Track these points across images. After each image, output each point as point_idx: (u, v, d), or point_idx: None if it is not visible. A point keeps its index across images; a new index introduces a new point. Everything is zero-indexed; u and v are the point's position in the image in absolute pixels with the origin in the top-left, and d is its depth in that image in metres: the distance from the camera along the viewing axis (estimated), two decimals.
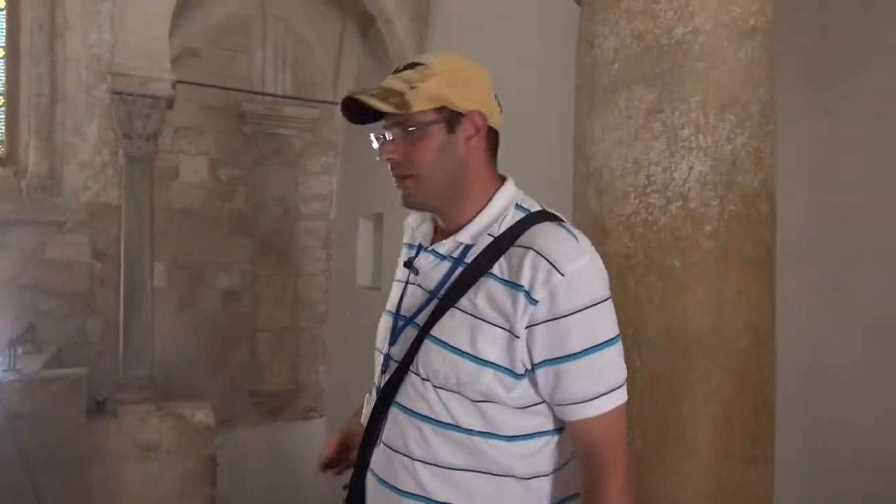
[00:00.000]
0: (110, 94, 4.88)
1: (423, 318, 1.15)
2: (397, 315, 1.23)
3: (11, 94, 5.64)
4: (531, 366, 1.08)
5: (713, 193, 1.60)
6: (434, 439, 1.11)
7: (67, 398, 4.42)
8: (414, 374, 1.14)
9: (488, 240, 1.13)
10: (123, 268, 4.92)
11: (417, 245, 1.27)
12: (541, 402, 1.11)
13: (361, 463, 1.22)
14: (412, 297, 1.21)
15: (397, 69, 1.18)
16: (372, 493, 1.19)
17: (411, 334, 1.16)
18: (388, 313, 1.26)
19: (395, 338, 1.21)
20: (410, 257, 1.26)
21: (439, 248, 1.18)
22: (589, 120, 1.77)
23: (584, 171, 1.78)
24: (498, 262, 1.10)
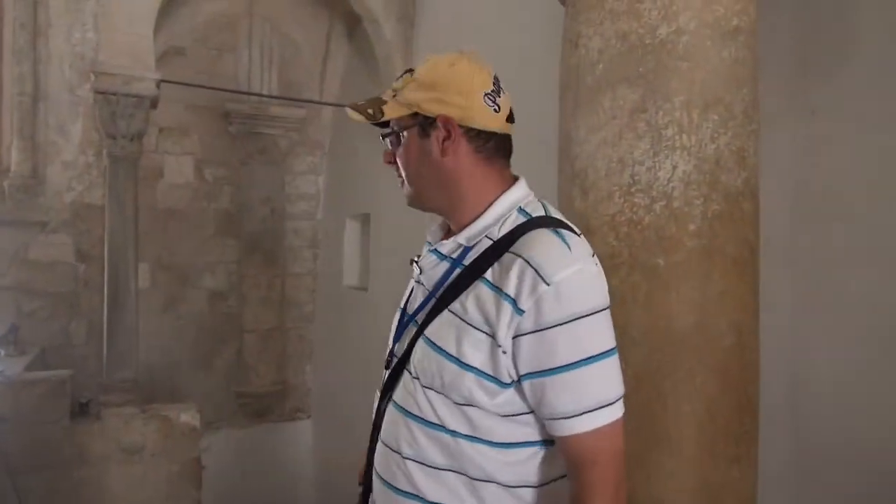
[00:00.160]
0: (94, 93, 4.83)
1: (421, 317, 1.16)
2: (404, 311, 1.25)
3: None
4: (517, 377, 1.06)
5: (697, 193, 1.60)
6: (423, 439, 1.11)
7: (50, 400, 4.37)
8: (408, 372, 1.15)
9: (487, 243, 1.12)
10: (107, 268, 4.86)
11: (428, 243, 1.29)
12: (528, 412, 1.09)
13: (369, 461, 1.23)
14: (417, 295, 1.23)
15: (398, 77, 1.21)
16: (376, 492, 1.20)
17: (411, 332, 1.18)
18: (399, 309, 1.28)
19: (398, 334, 1.23)
20: (418, 255, 1.28)
21: (441, 248, 1.19)
22: (574, 120, 1.77)
23: (570, 171, 1.78)
24: (492, 267, 1.08)
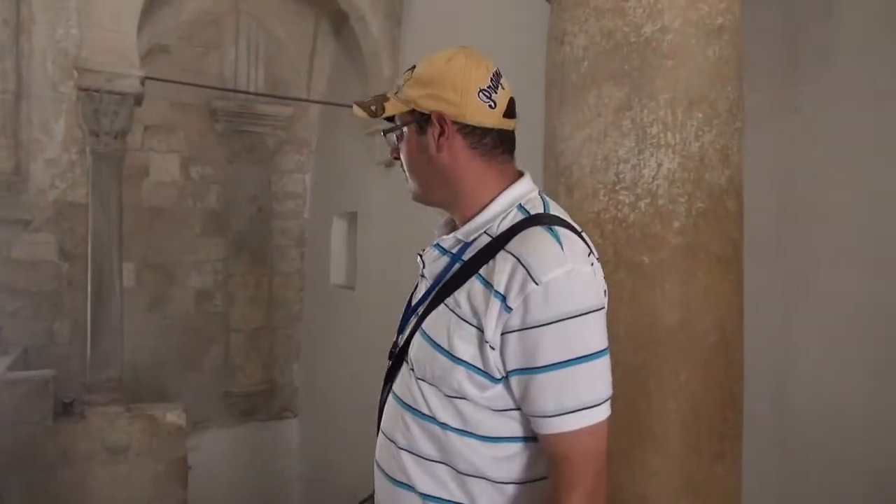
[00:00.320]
0: (77, 90, 4.78)
1: (422, 310, 1.18)
2: (409, 304, 1.26)
3: None
4: (505, 373, 1.07)
5: (681, 190, 1.61)
6: (416, 430, 1.13)
7: (33, 400, 4.34)
8: (406, 364, 1.17)
9: (486, 239, 1.12)
10: (91, 267, 4.82)
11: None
12: (517, 407, 1.09)
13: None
14: (420, 288, 1.24)
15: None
16: (377, 482, 1.21)
17: (412, 324, 1.19)
18: (407, 301, 1.29)
19: (403, 325, 1.24)
20: (424, 249, 1.28)
21: (443, 242, 1.20)
22: (559, 117, 1.77)
23: (554, 168, 1.78)
24: (487, 263, 1.09)
